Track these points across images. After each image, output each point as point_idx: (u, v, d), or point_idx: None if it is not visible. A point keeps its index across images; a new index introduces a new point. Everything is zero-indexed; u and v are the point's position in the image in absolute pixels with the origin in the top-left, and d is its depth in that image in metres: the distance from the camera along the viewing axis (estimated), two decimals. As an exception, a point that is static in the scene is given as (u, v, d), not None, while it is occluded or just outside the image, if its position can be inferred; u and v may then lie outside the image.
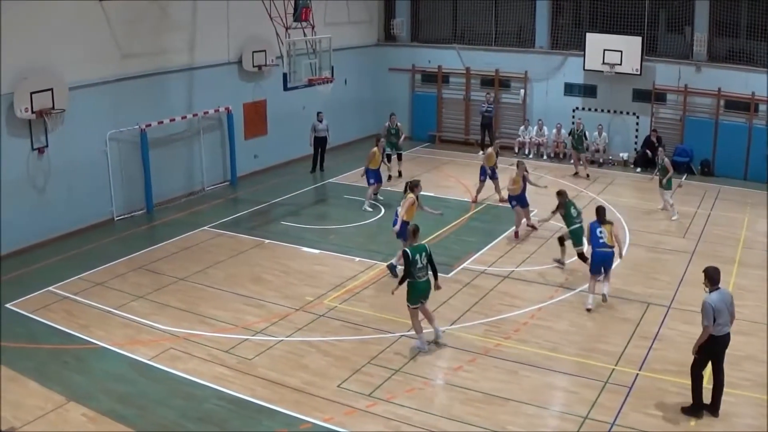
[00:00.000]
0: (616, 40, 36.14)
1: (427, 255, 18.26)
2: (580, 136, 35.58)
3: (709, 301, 15.29)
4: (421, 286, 18.29)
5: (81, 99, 25.90)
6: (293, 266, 24.03)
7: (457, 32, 42.26)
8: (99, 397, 16.33)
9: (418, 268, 18.14)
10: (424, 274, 18.28)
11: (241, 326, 19.80)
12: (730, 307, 15.50)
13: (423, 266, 18.22)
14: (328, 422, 15.45)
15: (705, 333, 15.33)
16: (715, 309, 15.19)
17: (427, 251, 18.33)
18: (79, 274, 23.14)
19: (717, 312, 15.20)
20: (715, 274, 15.52)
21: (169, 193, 30.51)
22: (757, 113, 34.28)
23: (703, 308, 15.29)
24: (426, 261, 18.25)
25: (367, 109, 42.15)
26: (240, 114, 33.77)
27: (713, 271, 15.58)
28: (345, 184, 33.21)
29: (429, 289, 18.53)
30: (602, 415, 15.69)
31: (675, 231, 27.42)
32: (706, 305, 15.25)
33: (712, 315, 15.17)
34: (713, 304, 15.22)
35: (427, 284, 18.45)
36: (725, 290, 15.71)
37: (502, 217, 28.64)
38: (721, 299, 15.38)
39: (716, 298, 15.33)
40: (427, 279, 18.43)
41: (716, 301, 15.27)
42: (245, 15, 31.90)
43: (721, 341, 15.49)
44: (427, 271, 18.40)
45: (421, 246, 18.42)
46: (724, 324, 15.39)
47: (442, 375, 17.61)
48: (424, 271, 18.26)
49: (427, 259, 18.27)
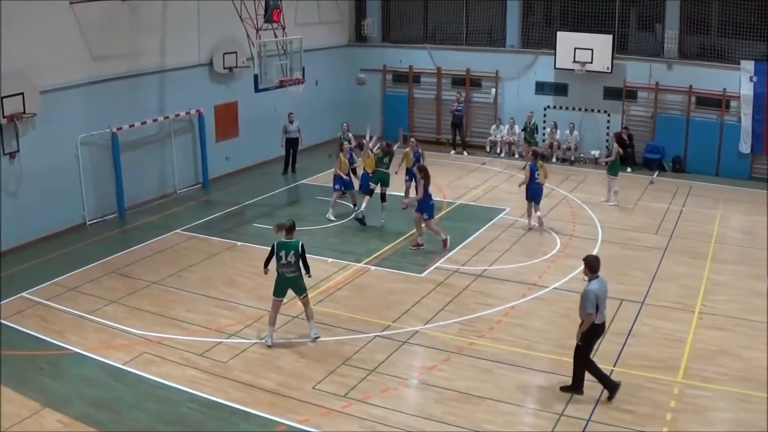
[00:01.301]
0: (586, 39, 36.27)
1: (297, 253, 18.28)
2: (532, 129, 35.89)
3: (591, 289, 15.55)
4: (285, 281, 18.47)
5: (52, 103, 25.72)
6: (266, 268, 23.99)
7: (428, 32, 42.32)
8: (74, 403, 16.22)
9: (282, 264, 18.28)
10: (291, 270, 18.35)
11: (214, 329, 19.72)
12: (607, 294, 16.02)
13: (288, 263, 18.28)
14: (304, 423, 15.40)
15: (588, 321, 15.66)
16: (598, 297, 15.50)
17: (298, 250, 18.29)
18: (52, 279, 22.97)
19: (599, 300, 15.52)
20: (595, 263, 15.77)
21: (141, 197, 30.34)
22: (728, 110, 34.55)
23: (586, 297, 15.55)
24: (295, 259, 18.29)
25: (339, 110, 41.94)
26: (211, 116, 33.67)
27: (594, 259, 15.84)
28: (317, 185, 33.06)
29: (297, 286, 18.65)
30: (578, 412, 15.74)
31: (647, 227, 27.53)
32: (589, 293, 15.51)
33: (595, 303, 15.48)
34: (596, 293, 15.50)
35: (294, 281, 18.54)
36: (603, 278, 15.98)
37: (477, 216, 28.69)
38: (602, 287, 15.71)
39: (597, 287, 15.62)
40: (296, 276, 18.50)
41: (598, 290, 15.56)
42: (216, 16, 31.78)
43: (600, 329, 15.96)
44: (298, 267, 18.45)
45: (292, 243, 18.33)
46: (602, 312, 15.77)
47: (417, 375, 17.61)
48: (291, 267, 18.33)
49: (297, 257, 18.31)
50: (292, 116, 34.22)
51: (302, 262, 18.49)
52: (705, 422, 15.44)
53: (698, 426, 15.28)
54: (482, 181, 33.99)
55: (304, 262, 18.55)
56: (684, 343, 18.72)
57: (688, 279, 22.85)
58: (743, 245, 25.99)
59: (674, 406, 15.96)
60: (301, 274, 18.68)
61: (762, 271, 23.32)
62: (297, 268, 18.50)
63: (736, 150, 34.28)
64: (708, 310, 20.61)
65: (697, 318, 20.11)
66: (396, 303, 21.19)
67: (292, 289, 18.73)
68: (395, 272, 23.45)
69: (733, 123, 34.40)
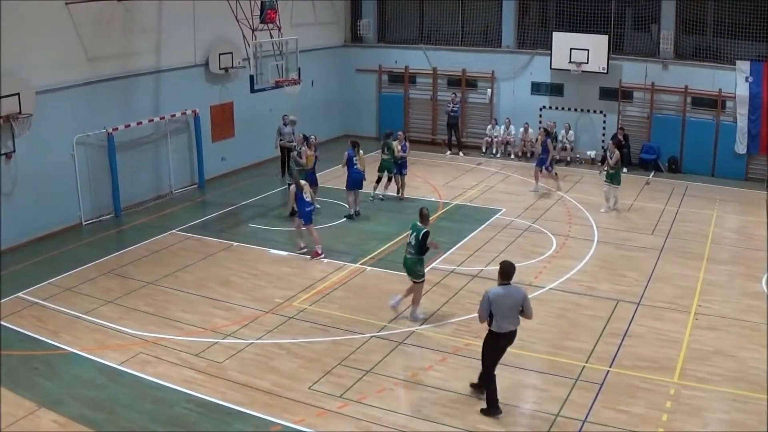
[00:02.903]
0: (582, 39, 36.31)
1: (417, 237, 19.72)
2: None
3: (487, 293, 15.29)
4: (405, 261, 20.27)
5: (48, 103, 25.72)
6: (262, 268, 23.97)
7: (424, 33, 42.34)
8: (69, 403, 16.22)
9: (407, 243, 20.19)
10: (410, 252, 19.99)
11: (210, 329, 19.72)
12: (518, 307, 15.28)
13: (409, 243, 20.01)
14: (299, 424, 15.40)
15: (481, 323, 15.63)
16: (492, 302, 15.13)
17: (419, 235, 19.66)
18: (48, 279, 22.95)
19: (494, 306, 15.13)
20: (508, 269, 15.34)
21: (137, 197, 30.31)
22: (724, 110, 34.58)
23: (482, 299, 15.36)
24: (415, 242, 19.76)
25: (335, 111, 42.19)
26: (207, 116, 33.64)
27: (508, 266, 15.40)
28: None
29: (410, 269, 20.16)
30: (573, 413, 15.74)
31: (643, 228, 27.55)
32: (484, 296, 15.30)
33: (487, 307, 15.18)
34: (490, 297, 15.17)
35: (410, 263, 20.07)
36: (516, 288, 15.49)
37: (473, 216, 28.72)
38: (506, 295, 15.20)
39: (497, 292, 15.22)
40: (413, 259, 19.95)
41: (496, 295, 15.17)
42: (211, 17, 31.77)
43: (500, 338, 15.49)
44: (416, 251, 19.83)
45: (419, 227, 19.81)
46: (504, 321, 15.29)
47: (412, 375, 17.60)
48: (410, 248, 19.97)
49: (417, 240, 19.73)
50: (286, 118, 34.14)
51: (419, 247, 19.75)
52: (700, 423, 15.47)
53: (694, 426, 15.30)
54: (478, 181, 33.98)
55: (419, 247, 19.67)
56: (679, 343, 18.74)
57: (684, 279, 22.88)
58: (739, 246, 26.02)
59: (670, 406, 15.97)
60: (419, 259, 19.85)
61: (757, 272, 23.35)
62: (415, 251, 19.75)
63: (732, 150, 34.32)
64: (703, 310, 20.65)
65: (694, 318, 20.13)
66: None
67: (407, 270, 20.14)
68: (391, 273, 23.39)
69: (728, 123, 34.43)
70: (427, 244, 19.62)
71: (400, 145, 30.78)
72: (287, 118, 33.72)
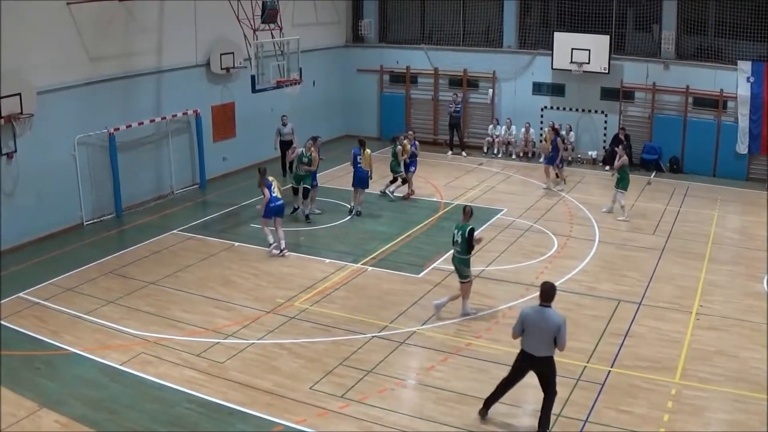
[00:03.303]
0: (583, 39, 36.28)
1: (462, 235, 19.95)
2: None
3: (523, 310, 15.07)
4: (454, 260, 20.49)
5: (49, 103, 25.69)
6: (263, 268, 23.95)
7: (425, 33, 42.31)
8: (71, 403, 16.21)
9: (452, 242, 20.28)
10: (457, 251, 20.15)
11: (211, 330, 19.70)
12: (548, 332, 14.63)
13: (456, 242, 20.09)
14: (301, 424, 15.40)
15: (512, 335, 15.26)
16: (524, 320, 14.81)
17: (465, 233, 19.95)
18: (49, 279, 22.93)
19: (526, 325, 14.78)
20: (546, 290, 14.83)
21: (139, 197, 30.29)
22: (725, 110, 34.56)
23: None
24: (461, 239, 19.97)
25: (336, 111, 42.18)
26: (208, 116, 33.62)
27: (547, 287, 14.86)
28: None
29: (458, 268, 20.34)
30: (575, 413, 15.75)
31: (644, 228, 27.54)
32: (520, 312, 15.03)
33: (520, 322, 14.84)
34: (522, 314, 14.90)
35: (458, 262, 20.26)
36: (553, 314, 14.75)
37: (475, 216, 28.57)
38: (537, 317, 14.70)
39: (529, 312, 14.84)
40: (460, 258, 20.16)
41: (527, 315, 14.82)
42: (213, 17, 31.78)
43: (528, 358, 15.00)
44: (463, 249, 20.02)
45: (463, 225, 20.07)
46: (530, 342, 14.88)
47: (414, 375, 17.62)
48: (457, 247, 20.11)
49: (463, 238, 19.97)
50: (285, 118, 34.09)
51: (465, 245, 19.92)
52: (701, 423, 15.45)
53: (695, 426, 15.30)
54: (479, 181, 33.97)
55: (466, 245, 19.89)
56: (681, 343, 18.73)
57: (685, 279, 22.87)
58: (740, 246, 26.00)
59: (671, 406, 15.97)
60: (464, 259, 20.04)
61: (758, 272, 23.34)
62: (462, 250, 19.93)
63: (733, 150, 34.32)
64: (704, 310, 20.64)
65: (695, 318, 20.12)
66: (393, 303, 21.20)
67: (455, 269, 20.35)
68: (392, 273, 23.45)
69: (730, 123, 34.42)
70: (473, 240, 19.85)
71: (410, 143, 31.11)
72: (286, 118, 33.76)
